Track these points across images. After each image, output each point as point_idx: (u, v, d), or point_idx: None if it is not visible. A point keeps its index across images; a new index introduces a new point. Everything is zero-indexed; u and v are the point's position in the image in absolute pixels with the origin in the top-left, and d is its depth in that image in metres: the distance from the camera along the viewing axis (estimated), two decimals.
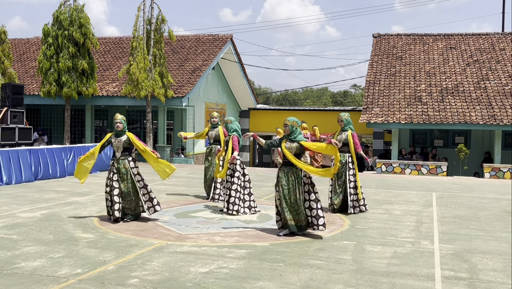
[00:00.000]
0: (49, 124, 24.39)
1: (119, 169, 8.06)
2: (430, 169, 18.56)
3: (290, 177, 7.18)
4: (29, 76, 24.21)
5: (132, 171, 8.07)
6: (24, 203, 9.86)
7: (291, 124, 7.30)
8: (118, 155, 8.13)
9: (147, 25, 20.29)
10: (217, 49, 23.84)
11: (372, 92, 21.59)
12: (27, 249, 6.32)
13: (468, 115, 19.35)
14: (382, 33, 26.07)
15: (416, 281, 5.33)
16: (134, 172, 8.09)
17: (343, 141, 9.70)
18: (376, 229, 7.98)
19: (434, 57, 23.58)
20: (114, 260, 5.90)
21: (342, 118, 9.64)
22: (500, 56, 22.86)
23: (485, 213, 9.81)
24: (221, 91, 25.94)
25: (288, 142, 7.29)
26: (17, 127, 15.44)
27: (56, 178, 14.24)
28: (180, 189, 12.35)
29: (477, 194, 12.82)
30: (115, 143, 8.14)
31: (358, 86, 65.10)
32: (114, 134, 8.23)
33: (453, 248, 6.78)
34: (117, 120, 8.15)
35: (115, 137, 8.18)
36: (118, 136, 8.17)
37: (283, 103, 62.83)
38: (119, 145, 8.11)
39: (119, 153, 8.13)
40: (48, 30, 20.62)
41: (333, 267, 5.75)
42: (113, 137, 8.20)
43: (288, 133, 7.31)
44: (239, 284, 5.11)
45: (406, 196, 12.10)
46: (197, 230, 7.67)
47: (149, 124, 20.61)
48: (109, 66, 24.26)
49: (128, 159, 8.11)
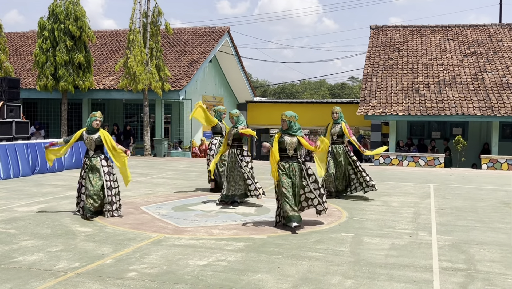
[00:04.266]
0: (46, 118, 24.32)
1: (91, 166, 7.90)
2: (428, 160, 18.58)
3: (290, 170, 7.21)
4: (25, 70, 24.10)
5: (103, 169, 7.89)
6: (21, 197, 9.84)
7: (289, 119, 7.26)
8: (91, 153, 7.95)
9: (143, 18, 20.20)
10: (214, 42, 23.77)
11: (370, 84, 21.57)
12: (24, 243, 6.31)
13: (465, 106, 19.35)
14: (380, 25, 26.01)
15: (414, 272, 5.34)
16: (105, 170, 7.91)
17: (337, 134, 9.93)
18: (374, 220, 7.99)
19: (432, 49, 23.54)
20: (112, 253, 5.89)
21: (337, 111, 10.07)
22: (498, 48, 22.84)
23: (482, 204, 9.83)
24: (218, 84, 25.88)
25: (287, 137, 7.26)
26: (13, 122, 15.37)
27: (53, 172, 14.21)
28: (178, 182, 12.34)
29: (474, 185, 12.84)
30: (87, 141, 7.95)
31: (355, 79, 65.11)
32: (86, 130, 8.02)
33: (450, 239, 6.79)
34: (98, 118, 7.97)
35: (87, 134, 7.97)
36: (90, 133, 7.96)
37: (280, 96, 62.78)
38: (91, 142, 7.93)
39: (92, 151, 7.95)
40: (44, 23, 20.52)
41: (331, 259, 5.76)
42: (85, 134, 7.99)
43: (286, 128, 7.28)
44: (237, 276, 5.11)
45: (404, 187, 12.12)
46: (195, 223, 7.67)
47: (146, 117, 20.58)
48: (106, 60, 24.17)
49: (100, 157, 7.94)
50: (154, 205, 9.12)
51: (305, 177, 7.27)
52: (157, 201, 9.51)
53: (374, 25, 25.96)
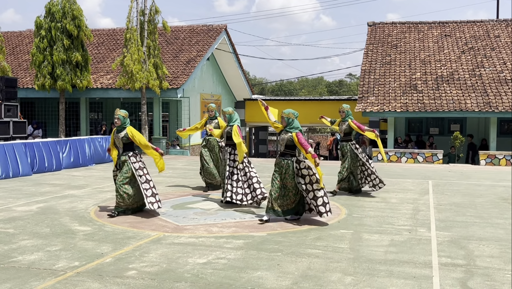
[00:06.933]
0: (44, 117, 24.27)
1: (121, 164, 7.93)
2: (426, 157, 18.59)
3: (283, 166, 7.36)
4: (22, 70, 24.04)
5: (133, 166, 7.82)
6: (20, 197, 9.83)
7: (287, 116, 7.41)
8: (121, 151, 7.97)
9: (140, 16, 20.16)
10: (211, 40, 23.73)
11: (368, 81, 21.57)
12: (24, 243, 6.30)
13: (463, 102, 19.37)
14: (377, 22, 25.99)
15: (413, 268, 5.35)
16: (136, 166, 7.84)
17: (344, 132, 9.97)
18: (373, 217, 8.00)
19: (429, 45, 23.54)
20: (111, 252, 5.89)
21: (344, 109, 10.16)
22: (495, 43, 22.86)
23: (481, 200, 9.85)
24: (216, 82, 25.85)
25: (283, 133, 7.44)
26: (11, 121, 15.36)
27: (52, 171, 14.19)
28: (177, 180, 12.33)
29: (473, 181, 12.86)
30: (116, 140, 7.96)
31: (353, 76, 65.07)
32: (115, 130, 8.02)
33: (450, 235, 6.80)
34: (115, 115, 7.94)
35: (116, 133, 7.98)
36: (118, 132, 7.96)
37: (278, 94, 62.76)
38: (118, 141, 7.94)
39: (121, 149, 7.96)
40: (41, 22, 20.47)
41: (330, 256, 5.76)
42: (115, 134, 8.01)
43: (285, 125, 7.43)
44: (237, 274, 5.11)
45: (403, 184, 12.13)
46: (195, 221, 7.67)
47: (144, 116, 20.54)
48: (103, 58, 24.12)
49: (128, 155, 7.88)
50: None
51: (302, 176, 7.29)
52: None
53: (372, 21, 25.95)
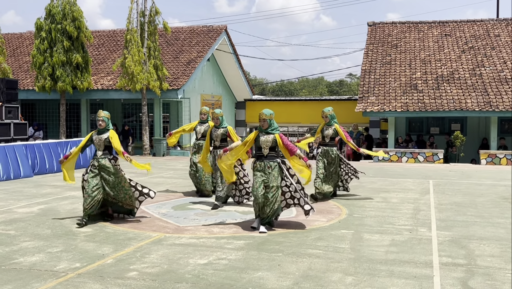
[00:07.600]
0: (45, 119, 24.29)
1: (99, 166, 7.66)
2: (427, 156, 18.59)
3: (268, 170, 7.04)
4: (23, 71, 24.07)
5: (114, 167, 7.68)
6: (21, 198, 9.84)
7: (269, 118, 7.12)
8: (100, 153, 7.73)
9: (140, 17, 20.18)
10: (211, 41, 23.74)
11: (368, 81, 21.57)
12: (25, 244, 6.31)
13: (463, 102, 19.36)
14: (377, 22, 25.99)
15: (414, 268, 5.35)
16: (117, 168, 7.70)
17: (330, 136, 9.76)
18: (373, 217, 8.00)
19: (429, 45, 23.54)
20: (112, 253, 5.90)
21: (327, 114, 9.84)
22: (495, 43, 22.84)
23: (482, 199, 9.84)
24: (216, 83, 25.86)
25: (263, 136, 7.10)
26: (12, 123, 15.37)
27: (53, 172, 14.20)
28: (178, 181, 12.34)
29: (473, 181, 12.86)
30: (96, 141, 7.78)
31: (353, 75, 65.02)
32: (96, 131, 7.88)
33: (450, 235, 6.81)
34: (99, 117, 7.79)
35: (97, 134, 7.81)
36: (100, 134, 7.80)
37: (279, 94, 62.74)
38: (100, 142, 7.75)
39: (101, 151, 7.74)
40: (41, 24, 20.49)
41: (331, 256, 5.77)
42: (94, 135, 7.84)
43: (266, 127, 7.12)
44: (238, 274, 5.12)
45: (403, 183, 12.13)
46: (195, 222, 7.67)
47: (145, 117, 20.56)
48: (104, 60, 24.14)
49: (108, 157, 7.72)
50: (154, 204, 9.11)
51: (288, 177, 7.14)
52: (156, 200, 9.49)
53: (372, 21, 25.94)
